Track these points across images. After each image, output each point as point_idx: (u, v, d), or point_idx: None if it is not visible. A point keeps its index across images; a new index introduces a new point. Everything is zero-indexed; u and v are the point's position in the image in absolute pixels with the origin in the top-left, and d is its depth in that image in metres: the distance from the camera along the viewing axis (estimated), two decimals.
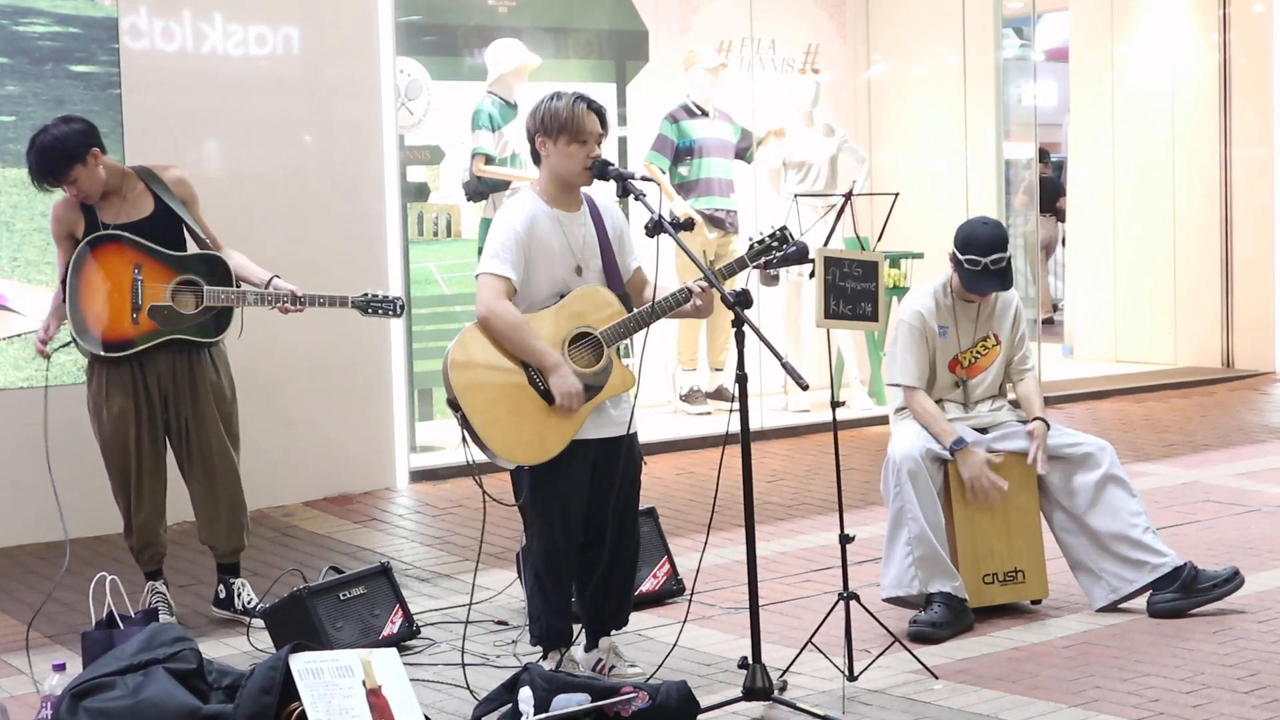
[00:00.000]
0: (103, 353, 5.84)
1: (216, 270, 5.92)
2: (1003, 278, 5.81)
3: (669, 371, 10.36)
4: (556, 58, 10.28)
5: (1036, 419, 5.90)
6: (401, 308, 6.12)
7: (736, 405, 4.83)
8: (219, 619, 6.13)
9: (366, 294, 6.04)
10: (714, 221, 10.09)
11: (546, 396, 5.00)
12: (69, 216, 5.88)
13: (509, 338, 4.97)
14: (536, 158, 5.17)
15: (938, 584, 5.65)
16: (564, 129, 5.05)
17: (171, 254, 5.86)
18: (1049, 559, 5.95)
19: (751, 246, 5.27)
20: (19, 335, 7.47)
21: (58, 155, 5.75)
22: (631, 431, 5.20)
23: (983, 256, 5.76)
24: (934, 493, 5.73)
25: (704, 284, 5.07)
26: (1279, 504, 7.72)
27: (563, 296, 5.09)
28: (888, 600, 5.77)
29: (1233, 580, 5.78)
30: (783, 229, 5.27)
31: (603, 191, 5.35)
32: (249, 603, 5.94)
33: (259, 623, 5.76)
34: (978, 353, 5.99)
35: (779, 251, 5.25)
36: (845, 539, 5.25)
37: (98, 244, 5.81)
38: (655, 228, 4.95)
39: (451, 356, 4.96)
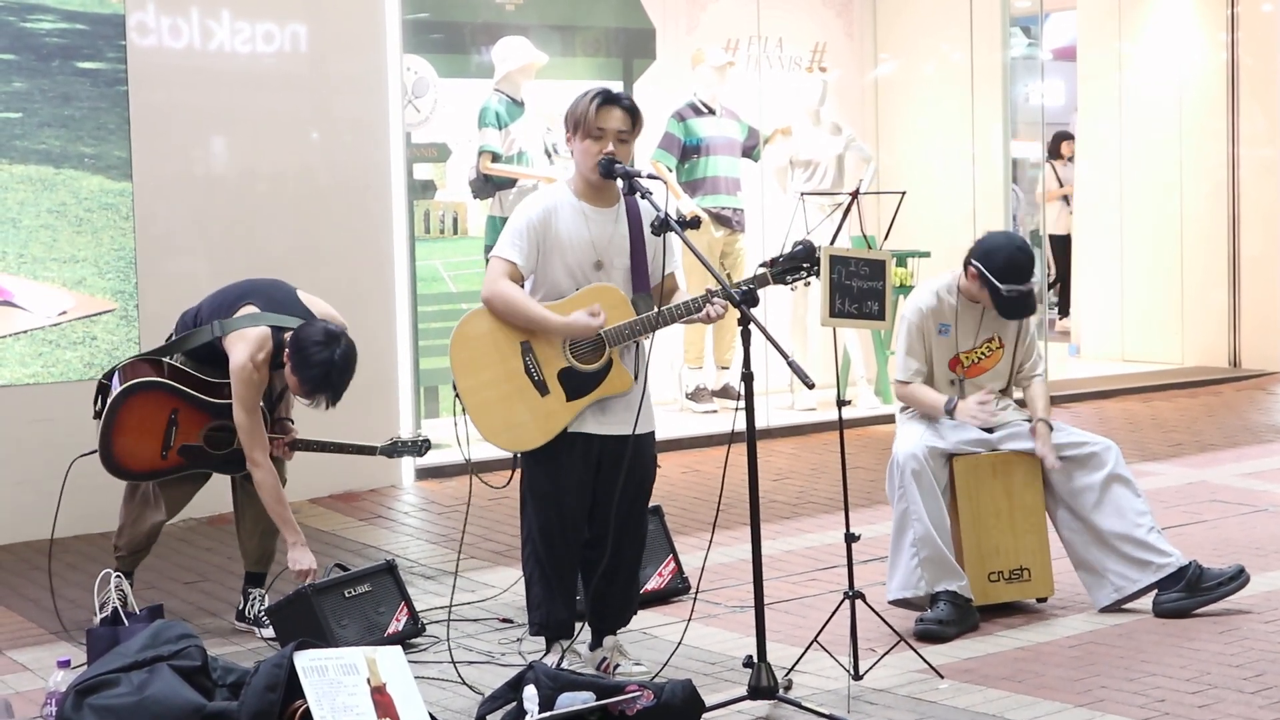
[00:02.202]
0: (123, 480, 5.90)
1: None
2: (1034, 303, 5.86)
3: (675, 370, 10.36)
4: (563, 55, 10.28)
5: (1039, 420, 5.89)
6: (429, 446, 6.24)
7: (742, 404, 4.82)
8: (223, 615, 6.13)
9: (393, 440, 6.19)
10: (721, 220, 10.08)
11: (540, 387, 5.03)
12: (264, 382, 5.77)
13: (510, 311, 5.04)
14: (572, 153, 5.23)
15: (943, 584, 5.64)
16: (579, 125, 5.10)
17: (210, 400, 5.82)
18: (1054, 557, 5.94)
19: (777, 261, 5.21)
20: (25, 331, 7.47)
21: (349, 378, 5.73)
22: (645, 431, 5.18)
23: (1022, 285, 5.76)
24: (938, 492, 5.72)
25: (721, 298, 5.03)
26: None
27: (578, 289, 5.11)
28: (894, 602, 5.76)
29: (1238, 578, 5.77)
30: (808, 244, 5.22)
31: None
32: (259, 613, 5.92)
33: (264, 618, 5.77)
34: (981, 354, 5.98)
35: (807, 273, 5.21)
36: (851, 538, 5.24)
37: (138, 390, 5.78)
38: (661, 226, 4.95)
39: (453, 336, 5.09)
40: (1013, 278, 5.75)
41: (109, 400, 5.80)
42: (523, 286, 5.11)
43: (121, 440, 5.79)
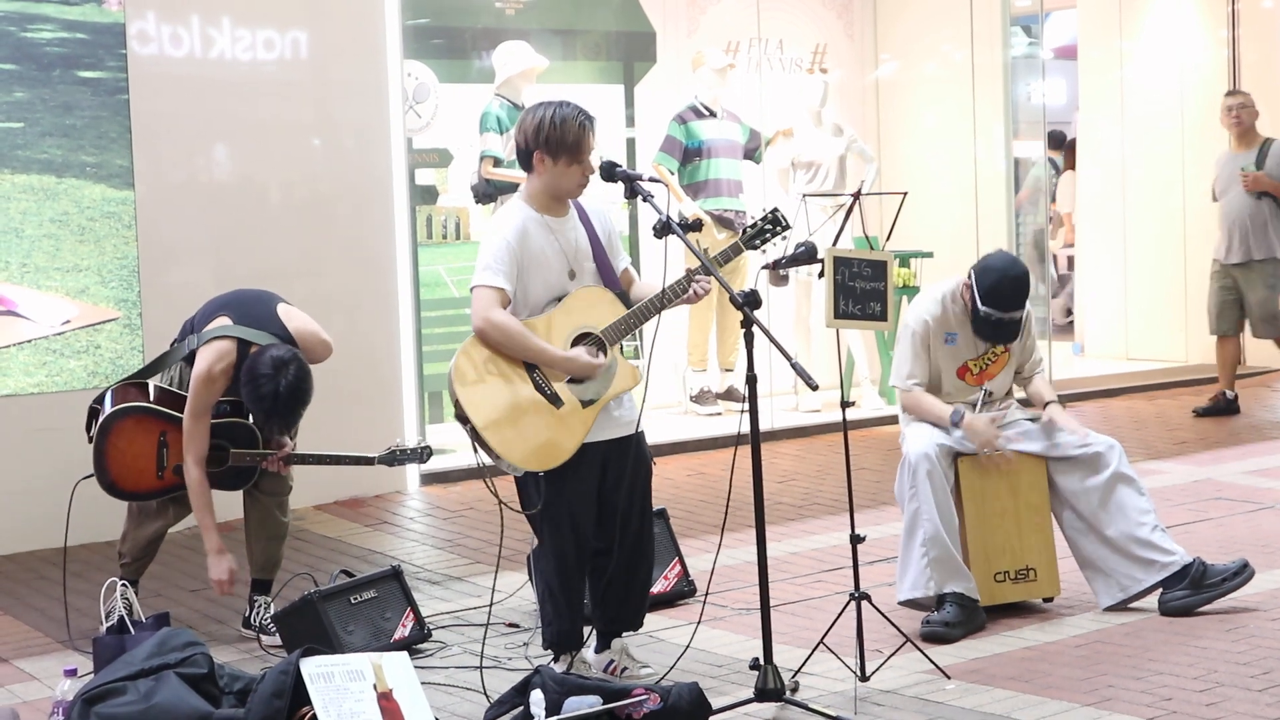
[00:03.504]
0: (127, 502, 5.96)
1: (241, 435, 5.87)
2: (1014, 332, 5.82)
3: (679, 372, 10.36)
4: (564, 59, 10.28)
5: (1051, 403, 5.89)
6: (430, 454, 6.18)
7: (747, 406, 4.82)
8: (229, 622, 6.13)
9: (391, 449, 6.11)
10: (723, 222, 10.07)
11: (553, 400, 5.00)
12: (218, 392, 5.77)
13: (508, 344, 4.98)
14: (527, 164, 5.15)
15: (951, 584, 5.64)
16: (567, 151, 5.05)
17: None
18: (1060, 557, 5.93)
19: (744, 231, 5.29)
20: (29, 341, 7.48)
21: (306, 403, 5.71)
22: (638, 431, 5.19)
23: (1003, 312, 5.74)
24: (948, 492, 5.72)
25: (703, 274, 5.08)
26: None
27: (560, 300, 5.10)
28: (904, 603, 5.75)
29: (1242, 573, 5.77)
30: (774, 210, 5.28)
31: (605, 192, 5.35)
32: (264, 621, 5.92)
33: (270, 625, 5.78)
34: (988, 359, 5.97)
35: (772, 233, 5.25)
36: (856, 539, 5.24)
37: (122, 416, 5.81)
38: (664, 229, 4.95)
39: (454, 370, 4.98)
40: (993, 302, 5.74)
41: (97, 425, 5.82)
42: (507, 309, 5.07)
43: (115, 464, 5.82)
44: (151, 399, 5.88)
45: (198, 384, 5.70)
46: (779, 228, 5.26)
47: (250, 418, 5.89)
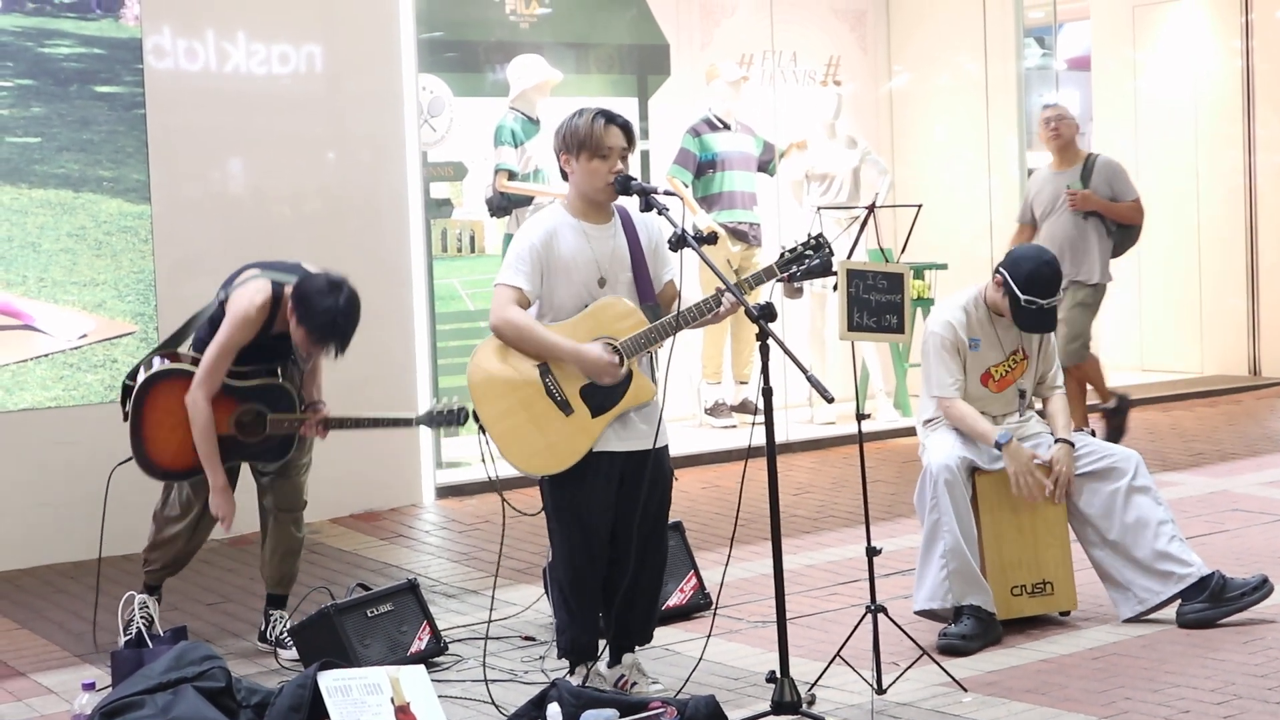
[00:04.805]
0: (162, 481, 5.91)
1: (280, 398, 5.82)
2: (1055, 319, 5.88)
3: (694, 385, 10.36)
4: (578, 73, 10.31)
5: (1060, 441, 5.87)
6: (467, 416, 6.02)
7: (761, 418, 4.83)
8: (246, 636, 6.14)
9: (430, 410, 6.09)
10: (737, 234, 10.09)
11: (563, 407, 5.03)
12: (252, 330, 5.68)
13: (522, 339, 5.03)
14: (565, 175, 5.20)
15: (969, 597, 5.63)
16: (584, 145, 5.08)
17: (235, 385, 5.75)
18: (1077, 570, 5.93)
19: (782, 254, 5.25)
20: (46, 355, 7.50)
21: (356, 324, 5.66)
22: (660, 445, 5.19)
23: (1043, 299, 5.76)
24: (968, 504, 5.72)
25: (730, 296, 5.07)
26: None
27: (585, 308, 5.12)
28: (920, 613, 5.75)
29: (1262, 588, 5.76)
30: (818, 236, 5.25)
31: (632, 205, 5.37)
32: (281, 635, 5.93)
33: (286, 639, 5.79)
34: (1009, 366, 5.97)
35: (811, 260, 5.23)
36: (872, 551, 5.24)
37: (157, 380, 5.76)
38: (678, 242, 4.96)
39: (469, 369, 5.07)
40: (1034, 290, 5.75)
41: (134, 395, 5.78)
42: (527, 310, 5.11)
43: (152, 436, 5.75)
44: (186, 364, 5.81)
45: (235, 319, 5.60)
46: (820, 253, 5.22)
47: (281, 376, 5.86)
